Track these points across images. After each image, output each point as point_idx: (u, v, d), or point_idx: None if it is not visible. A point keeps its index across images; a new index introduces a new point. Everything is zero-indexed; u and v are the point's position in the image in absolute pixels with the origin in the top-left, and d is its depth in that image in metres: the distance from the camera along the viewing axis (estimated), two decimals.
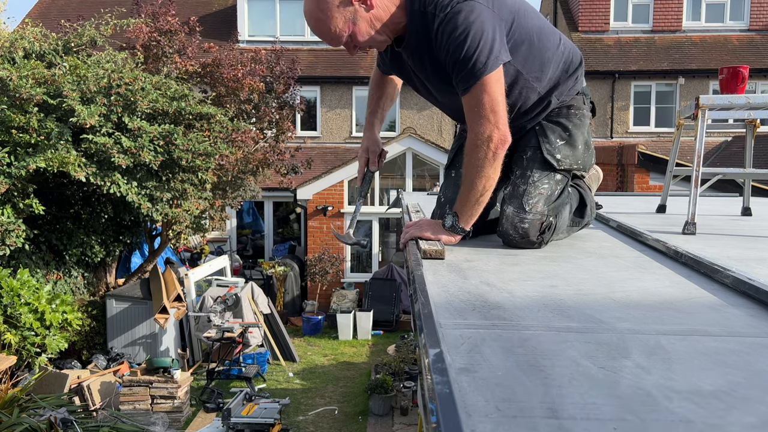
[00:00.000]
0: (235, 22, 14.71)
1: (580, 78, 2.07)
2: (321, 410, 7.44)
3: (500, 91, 1.71)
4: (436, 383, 0.71)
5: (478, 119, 1.71)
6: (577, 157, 2.03)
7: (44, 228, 7.40)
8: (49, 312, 6.21)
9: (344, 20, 1.71)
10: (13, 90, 6.27)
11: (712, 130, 12.95)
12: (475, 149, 1.73)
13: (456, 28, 1.66)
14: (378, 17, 1.75)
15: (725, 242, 2.21)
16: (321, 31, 1.76)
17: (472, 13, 1.66)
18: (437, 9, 1.70)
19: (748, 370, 0.83)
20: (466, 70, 1.68)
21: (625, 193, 8.13)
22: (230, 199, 9.00)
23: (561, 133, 2.02)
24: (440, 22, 1.69)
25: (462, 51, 1.67)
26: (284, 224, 14.75)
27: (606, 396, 0.74)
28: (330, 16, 1.70)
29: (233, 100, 9.16)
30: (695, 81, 13.70)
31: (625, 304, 1.21)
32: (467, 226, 1.84)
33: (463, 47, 1.66)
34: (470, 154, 1.75)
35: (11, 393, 5.53)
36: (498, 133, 1.71)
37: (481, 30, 1.66)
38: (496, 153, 1.73)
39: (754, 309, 1.16)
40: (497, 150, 1.73)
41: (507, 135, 1.73)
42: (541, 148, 1.98)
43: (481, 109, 1.70)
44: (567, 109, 2.05)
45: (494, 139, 1.71)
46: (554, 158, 1.98)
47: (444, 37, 1.69)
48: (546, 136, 2.01)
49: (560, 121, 2.03)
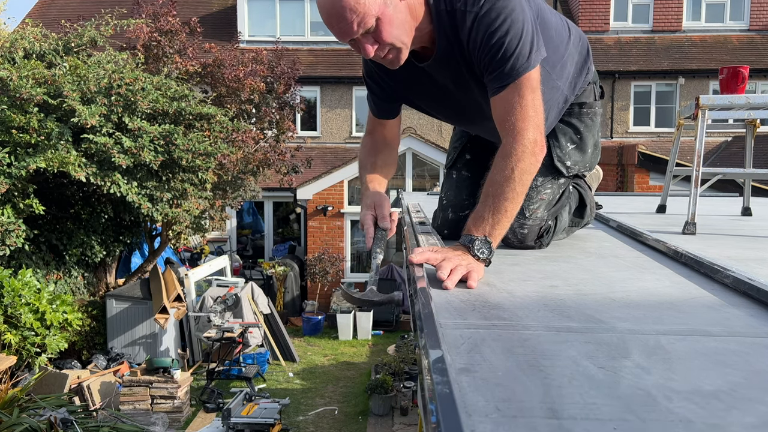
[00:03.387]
0: (235, 22, 14.70)
1: (591, 67, 1.92)
2: (321, 410, 7.44)
3: (540, 89, 1.52)
4: (436, 383, 0.71)
5: (520, 119, 1.47)
6: (586, 161, 1.95)
7: (44, 228, 7.40)
8: (50, 312, 6.21)
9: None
10: (13, 90, 6.27)
11: (712, 130, 12.95)
12: (519, 155, 1.45)
13: (494, 21, 1.47)
14: (412, 7, 1.49)
15: (725, 242, 2.21)
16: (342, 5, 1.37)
17: (509, 3, 1.48)
18: (467, 5, 1.49)
19: (748, 370, 0.83)
20: (508, 65, 1.48)
21: (625, 193, 8.13)
22: (230, 199, 9.00)
23: (572, 135, 1.91)
24: (474, 17, 1.49)
25: (503, 45, 1.47)
26: (284, 224, 14.76)
27: (606, 396, 0.74)
28: None
29: (234, 101, 9.16)
30: (695, 81, 13.70)
31: (625, 304, 1.21)
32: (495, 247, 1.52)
33: (505, 40, 1.46)
34: (511, 160, 1.46)
35: (11, 393, 5.53)
36: (541, 137, 1.49)
37: (522, 21, 1.48)
38: (539, 160, 1.49)
39: (754, 309, 1.17)
40: (539, 156, 1.49)
41: (545, 141, 1.52)
42: (551, 153, 1.85)
43: (525, 108, 1.47)
44: (579, 107, 1.92)
45: (539, 143, 1.48)
46: (564, 165, 1.87)
47: (480, 32, 1.49)
48: (557, 139, 1.88)
49: (572, 122, 1.91)
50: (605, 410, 0.70)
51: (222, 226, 11.57)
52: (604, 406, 0.71)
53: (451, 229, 2.00)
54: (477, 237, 1.45)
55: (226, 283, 9.32)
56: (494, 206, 1.45)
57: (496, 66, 1.49)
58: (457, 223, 1.92)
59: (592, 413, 0.69)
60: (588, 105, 1.93)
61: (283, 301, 11.49)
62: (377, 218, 1.59)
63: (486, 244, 1.44)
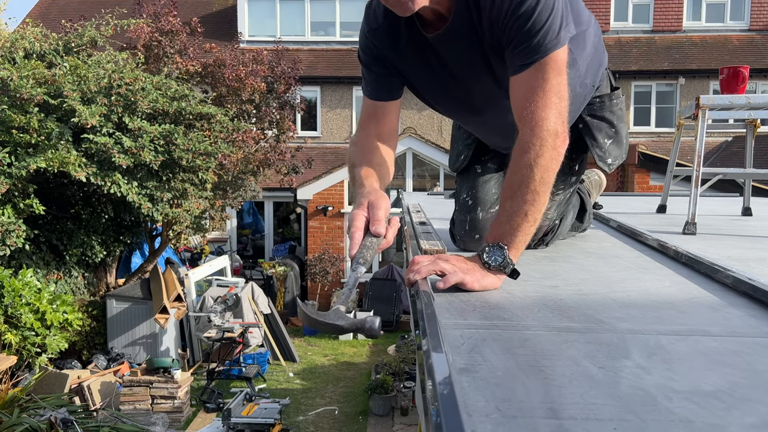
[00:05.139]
0: (235, 22, 14.71)
1: (604, 50, 1.73)
2: (321, 410, 7.44)
3: (566, 72, 1.32)
4: (438, 383, 0.71)
5: (541, 107, 1.28)
6: (623, 152, 1.82)
7: (44, 228, 7.40)
8: (50, 312, 6.22)
9: None
10: (13, 90, 6.27)
11: (712, 131, 12.95)
12: (538, 150, 1.26)
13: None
14: None
15: (726, 242, 2.21)
16: None
17: None
18: None
19: (748, 370, 0.83)
20: (536, 39, 1.27)
21: (625, 193, 8.13)
22: (231, 199, 9.01)
23: (607, 130, 1.75)
24: None
25: (533, 15, 1.27)
26: (284, 224, 14.76)
27: (606, 396, 0.74)
28: None
29: (234, 101, 9.17)
30: (695, 81, 13.69)
31: (626, 304, 1.21)
32: (516, 258, 1.30)
33: (535, 10, 1.26)
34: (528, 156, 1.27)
35: (11, 393, 5.53)
36: (563, 127, 1.30)
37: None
38: (561, 154, 1.30)
39: (754, 309, 1.17)
40: (561, 150, 1.30)
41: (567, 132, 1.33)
42: (592, 152, 1.73)
43: (547, 93, 1.28)
44: (609, 99, 1.76)
45: (561, 135, 1.29)
46: (606, 163, 1.76)
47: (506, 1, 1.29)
48: (594, 138, 1.74)
49: (605, 116, 1.74)
50: (605, 410, 0.70)
51: (222, 226, 11.59)
52: (604, 406, 0.71)
53: (482, 233, 1.76)
54: (488, 243, 1.29)
55: (226, 283, 9.32)
56: (512, 210, 1.28)
57: (522, 39, 1.29)
58: (487, 224, 1.74)
59: (592, 413, 0.69)
60: (615, 95, 1.79)
61: (284, 301, 11.49)
62: (369, 221, 1.26)
63: (499, 250, 1.27)
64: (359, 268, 1.19)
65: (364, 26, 1.54)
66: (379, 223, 1.23)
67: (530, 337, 0.98)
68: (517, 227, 1.27)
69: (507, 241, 1.27)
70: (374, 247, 1.22)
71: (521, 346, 0.93)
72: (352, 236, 1.23)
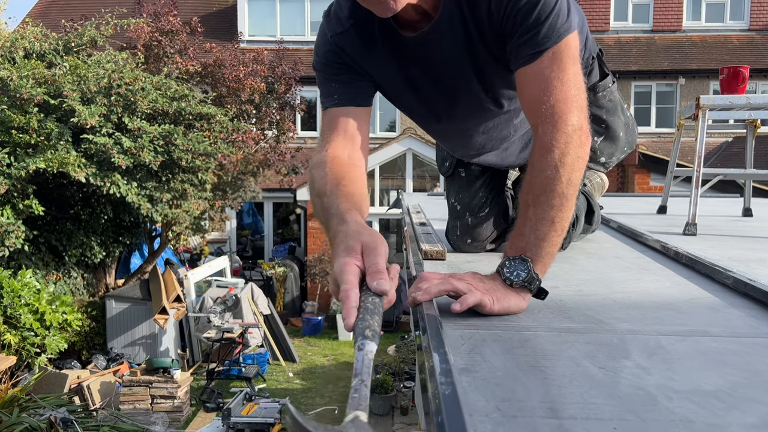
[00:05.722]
0: (235, 22, 14.71)
1: (592, 40, 1.59)
2: (321, 410, 7.44)
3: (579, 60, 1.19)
4: (440, 384, 0.71)
5: (561, 101, 1.14)
6: (622, 146, 1.73)
7: (44, 229, 7.40)
8: (49, 312, 6.22)
9: None
10: (13, 90, 6.28)
11: (712, 131, 12.96)
12: (563, 148, 1.11)
13: None
14: None
15: (726, 243, 2.21)
16: None
17: None
18: None
19: (748, 370, 0.84)
20: (546, 26, 1.15)
21: (625, 193, 8.14)
22: (230, 200, 9.01)
23: (596, 127, 1.64)
24: None
25: (538, 4, 1.15)
26: (284, 225, 14.76)
27: (606, 396, 0.74)
28: None
29: (234, 101, 9.17)
30: (695, 81, 13.70)
31: (626, 304, 1.21)
32: (543, 273, 1.13)
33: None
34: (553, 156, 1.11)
35: (11, 393, 5.53)
36: (586, 122, 1.16)
37: None
38: (587, 152, 1.16)
39: (754, 309, 1.17)
40: (586, 147, 1.15)
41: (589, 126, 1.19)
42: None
43: (566, 85, 1.14)
44: (592, 92, 1.61)
45: (585, 130, 1.15)
46: (599, 163, 1.69)
47: None
48: None
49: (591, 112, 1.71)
50: (605, 410, 0.70)
51: (222, 227, 11.59)
52: (604, 406, 0.71)
53: (473, 237, 1.75)
54: (508, 257, 1.11)
55: (225, 284, 9.32)
56: (536, 217, 1.11)
57: (531, 26, 1.16)
58: (476, 229, 1.73)
59: (592, 413, 0.69)
60: (602, 86, 1.66)
61: (283, 302, 11.49)
62: (366, 273, 0.89)
63: (522, 263, 1.09)
64: (367, 345, 0.76)
65: (326, 33, 1.41)
66: (380, 275, 0.88)
67: (530, 337, 0.98)
68: (543, 237, 1.10)
69: (531, 254, 1.10)
70: (380, 312, 0.84)
71: (521, 347, 0.93)
72: (346, 297, 0.84)
